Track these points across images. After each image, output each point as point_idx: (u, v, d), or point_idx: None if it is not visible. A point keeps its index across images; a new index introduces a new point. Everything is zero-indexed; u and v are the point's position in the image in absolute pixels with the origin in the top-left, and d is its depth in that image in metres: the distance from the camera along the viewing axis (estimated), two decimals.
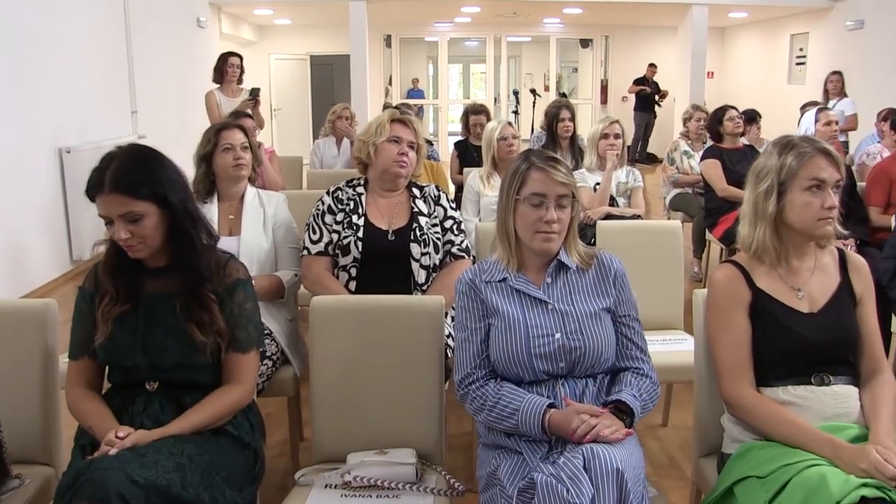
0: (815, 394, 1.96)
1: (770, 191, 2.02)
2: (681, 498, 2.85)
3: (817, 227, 1.99)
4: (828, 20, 10.93)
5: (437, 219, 2.92)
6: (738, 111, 5.67)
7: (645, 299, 3.09)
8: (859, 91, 9.79)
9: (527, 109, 14.56)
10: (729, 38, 15.03)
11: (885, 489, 1.66)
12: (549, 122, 5.24)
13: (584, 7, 11.71)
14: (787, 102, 10.38)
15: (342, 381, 2.29)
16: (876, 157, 5.51)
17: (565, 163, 2.09)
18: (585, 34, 15.62)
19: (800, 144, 2.02)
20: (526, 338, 1.99)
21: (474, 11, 12.56)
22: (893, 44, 9.29)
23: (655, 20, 13.38)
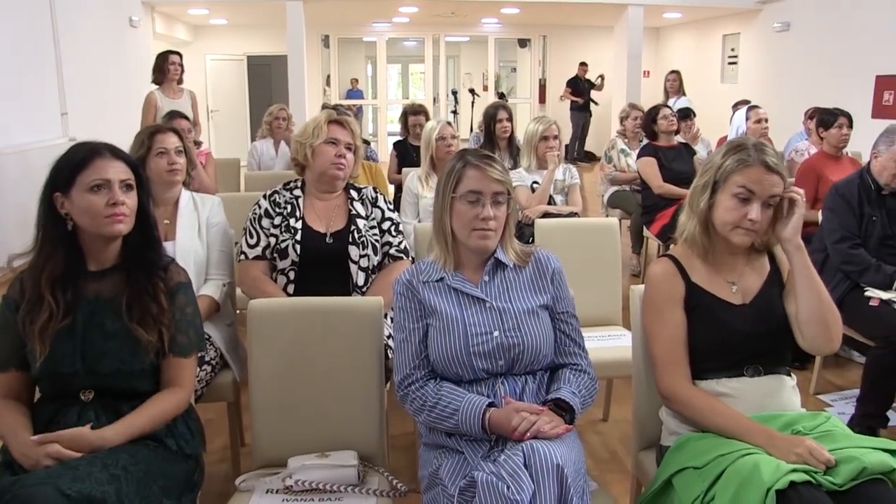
0: (747, 385, 2.02)
1: (706, 186, 2.06)
2: (622, 491, 2.89)
3: (733, 234, 2.03)
4: (757, 21, 11.23)
5: (374, 220, 2.91)
6: (672, 110, 5.79)
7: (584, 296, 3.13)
8: (786, 90, 10.10)
9: (466, 109, 14.62)
10: (664, 38, 15.32)
11: (812, 472, 1.72)
12: (487, 122, 5.28)
13: (522, 7, 11.80)
14: (721, 101, 10.61)
15: (282, 384, 2.27)
16: (804, 154, 5.67)
17: (501, 161, 2.11)
18: (523, 34, 15.75)
19: (746, 150, 2.02)
20: (464, 337, 2.00)
21: (412, 11, 12.56)
22: (817, 45, 9.59)
23: (592, 20, 13.56)
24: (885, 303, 3.33)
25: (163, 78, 6.16)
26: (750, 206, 2.00)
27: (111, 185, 1.92)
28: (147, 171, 2.87)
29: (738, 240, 2.04)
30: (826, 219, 3.65)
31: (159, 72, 6.17)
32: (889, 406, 3.36)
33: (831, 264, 3.59)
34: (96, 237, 1.96)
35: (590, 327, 3.25)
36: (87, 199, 1.91)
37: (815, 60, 9.62)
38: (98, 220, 1.92)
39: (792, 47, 10.25)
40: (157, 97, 6.10)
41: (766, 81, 10.91)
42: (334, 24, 14.63)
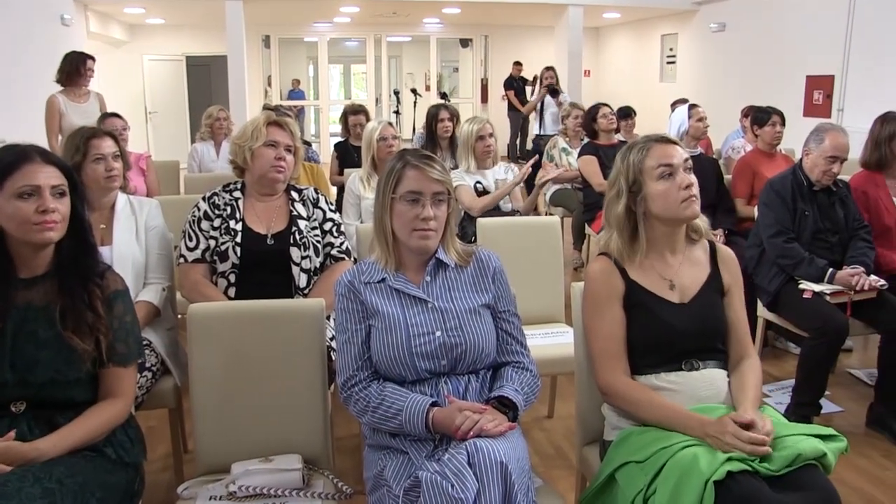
0: (685, 378, 2.05)
1: (619, 194, 2.10)
2: (568, 486, 2.92)
3: (682, 208, 2.06)
4: (694, 22, 11.46)
5: (316, 221, 2.89)
6: (611, 108, 5.87)
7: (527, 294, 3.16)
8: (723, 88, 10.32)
9: (408, 109, 14.61)
10: (604, 38, 15.53)
11: (748, 461, 1.76)
12: (429, 122, 5.29)
13: (463, 7, 11.84)
14: (660, 99, 10.81)
15: (224, 389, 2.24)
16: (740, 151, 5.80)
17: (441, 161, 2.11)
18: (465, 34, 15.81)
19: (637, 142, 2.12)
20: (407, 337, 2.00)
21: (353, 11, 12.50)
22: (752, 45, 9.83)
23: (533, 20, 13.67)
24: (818, 295, 3.43)
25: (77, 80, 5.77)
26: (676, 177, 2.06)
27: (41, 191, 1.85)
28: (83, 176, 2.79)
29: (689, 212, 2.07)
30: (762, 214, 3.74)
31: (75, 74, 5.74)
32: (822, 395, 3.46)
33: (767, 258, 3.68)
34: (25, 244, 1.89)
35: (533, 325, 3.28)
36: (15, 205, 1.84)
37: (750, 60, 9.86)
38: (26, 227, 1.85)
39: (728, 47, 10.49)
40: (60, 101, 5.71)
41: (704, 80, 11.15)
42: (275, 24, 14.49)
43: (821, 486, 1.77)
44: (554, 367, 3.09)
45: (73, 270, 1.94)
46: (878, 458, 3.30)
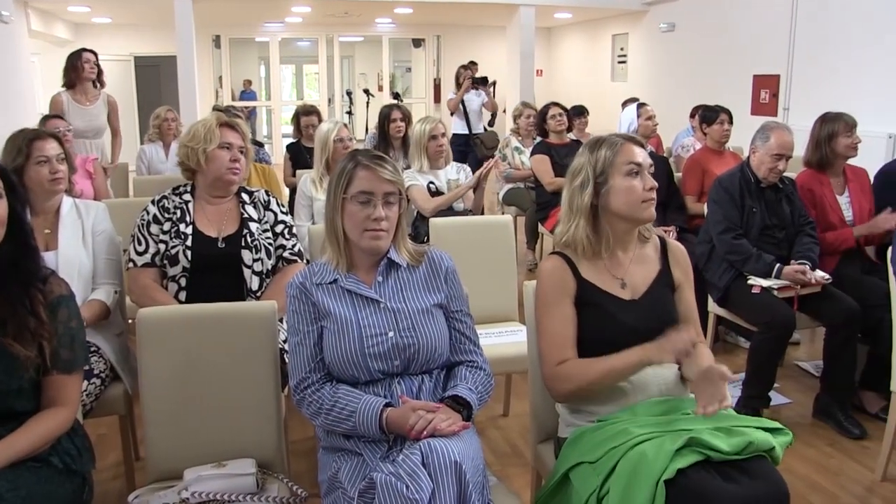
0: (638, 374, 2.07)
1: (585, 184, 2.12)
2: (523, 483, 2.94)
3: (642, 208, 2.11)
4: (644, 22, 11.60)
5: (267, 224, 2.87)
6: (562, 108, 5.92)
7: (480, 293, 3.18)
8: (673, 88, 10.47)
9: (361, 110, 14.56)
10: (555, 38, 15.64)
11: (698, 449, 1.78)
12: (381, 122, 5.28)
13: (415, 7, 11.83)
14: (611, 98, 10.93)
15: (175, 394, 2.21)
16: (689, 150, 5.89)
17: (392, 161, 2.11)
18: (417, 34, 15.80)
19: (609, 138, 2.15)
20: (359, 338, 1.99)
21: (305, 11, 12.41)
22: (700, 45, 9.98)
23: (485, 20, 13.71)
24: (766, 290, 3.50)
25: (76, 78, 5.67)
26: (643, 177, 2.10)
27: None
28: (26, 180, 2.72)
29: (647, 213, 2.12)
30: (711, 211, 3.80)
31: (72, 71, 5.66)
32: (771, 387, 3.54)
33: (717, 254, 3.75)
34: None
35: (487, 324, 3.30)
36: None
37: (699, 60, 10.01)
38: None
39: (677, 47, 10.64)
40: (65, 100, 5.62)
41: (654, 80, 11.29)
42: (225, 24, 14.31)
43: (770, 477, 1.80)
44: (508, 366, 3.10)
45: (14, 275, 1.87)
46: (823, 447, 3.38)
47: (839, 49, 7.52)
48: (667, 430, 1.87)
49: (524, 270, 6.23)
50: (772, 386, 3.55)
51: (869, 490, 3.05)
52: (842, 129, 3.84)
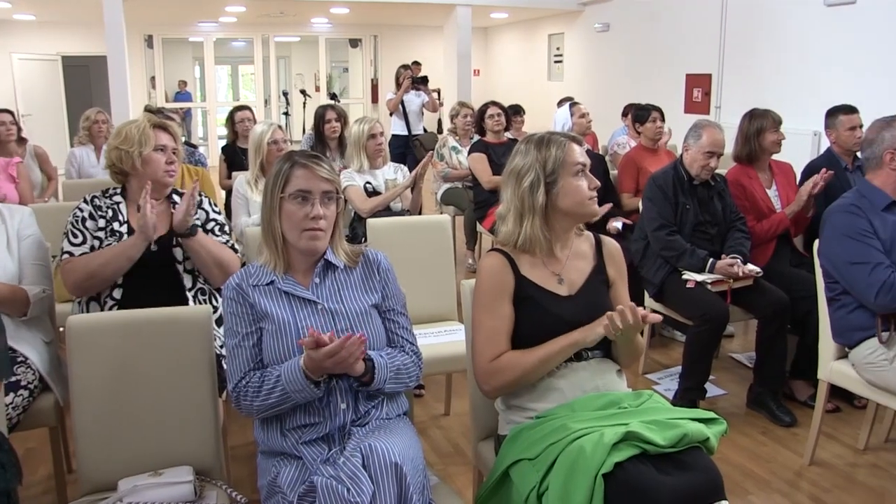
0: (573, 369, 2.10)
1: (536, 184, 2.12)
2: (466, 482, 2.95)
3: (588, 206, 2.14)
4: (580, 22, 11.74)
5: (199, 221, 2.82)
6: (500, 107, 5.95)
7: (419, 293, 3.18)
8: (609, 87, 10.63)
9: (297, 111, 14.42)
10: (492, 38, 15.73)
11: (635, 444, 1.81)
12: (316, 123, 5.24)
13: (352, 7, 11.77)
14: (548, 97, 11.03)
15: (108, 403, 2.15)
16: (625, 147, 5.99)
17: (329, 161, 2.10)
18: (354, 34, 15.71)
19: (554, 137, 2.16)
20: (298, 339, 1.97)
21: (239, 11, 12.23)
22: (635, 45, 10.15)
23: (422, 20, 13.72)
24: (700, 284, 3.58)
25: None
26: (587, 176, 2.14)
27: None
28: None
29: (593, 210, 2.16)
30: (645, 208, 3.87)
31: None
32: (706, 379, 3.61)
33: (652, 251, 3.82)
34: None
35: (426, 324, 3.30)
36: None
37: (634, 59, 10.18)
38: None
39: (612, 47, 10.80)
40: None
41: (590, 79, 11.44)
42: (157, 23, 14.02)
43: (705, 467, 1.84)
44: (448, 365, 3.11)
45: None
46: (756, 436, 3.48)
47: (767, 49, 7.74)
48: (604, 424, 1.89)
49: (463, 270, 6.25)
50: (707, 378, 3.63)
51: (798, 475, 3.15)
52: (769, 125, 3.96)
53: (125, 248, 2.61)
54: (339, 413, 1.97)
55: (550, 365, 2.06)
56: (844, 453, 3.32)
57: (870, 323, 2.80)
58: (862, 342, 2.84)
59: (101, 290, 2.66)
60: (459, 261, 6.41)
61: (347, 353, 1.82)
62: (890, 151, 2.88)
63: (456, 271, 3.56)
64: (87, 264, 2.60)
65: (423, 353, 2.20)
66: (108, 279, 2.62)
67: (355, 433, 1.95)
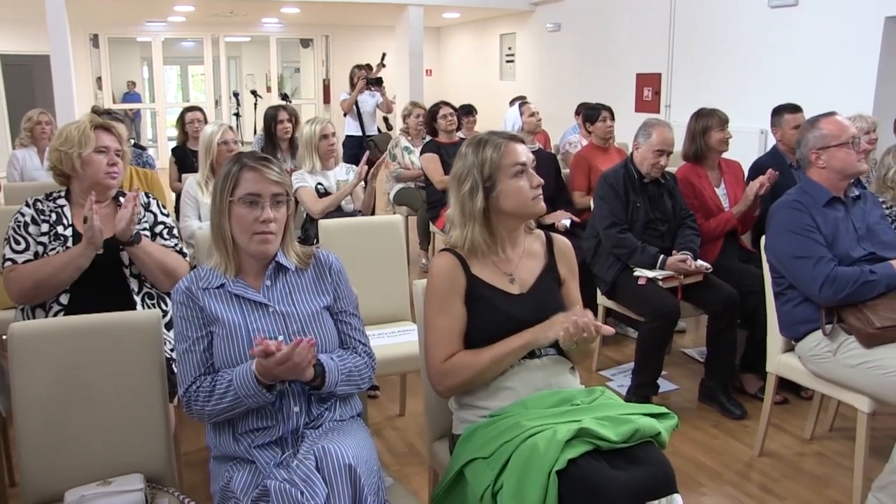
0: (526, 367, 2.10)
1: (475, 189, 2.12)
2: (422, 482, 2.95)
3: (532, 205, 2.13)
4: (531, 22, 11.81)
5: (147, 224, 2.77)
6: (452, 107, 5.96)
7: (372, 293, 3.17)
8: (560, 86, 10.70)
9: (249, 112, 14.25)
10: (444, 37, 15.75)
11: (588, 440, 1.82)
12: (267, 124, 5.19)
13: (302, 7, 11.68)
14: (500, 97, 11.06)
15: (54, 412, 2.09)
16: (576, 146, 6.03)
17: (279, 163, 2.08)
18: (305, 34, 15.61)
19: (491, 139, 2.15)
20: (249, 343, 1.95)
21: (188, 11, 12.06)
22: (586, 45, 10.25)
23: (373, 20, 13.67)
24: (651, 281, 3.62)
25: None
26: (528, 175, 2.13)
27: None
28: None
29: (539, 208, 2.15)
30: (597, 207, 3.90)
31: None
32: (659, 374, 3.66)
33: (604, 248, 3.85)
34: None
35: (379, 324, 3.29)
36: None
37: (585, 59, 10.27)
38: None
39: (564, 47, 10.88)
40: None
41: (542, 79, 11.52)
42: (103, 22, 13.74)
43: (657, 461, 1.86)
44: (402, 366, 3.10)
45: None
46: (708, 429, 3.53)
47: (714, 49, 7.87)
48: (557, 421, 1.90)
49: (417, 270, 6.25)
50: (660, 373, 3.67)
51: (748, 466, 3.22)
52: (714, 123, 4.03)
53: (73, 258, 2.55)
54: (292, 416, 1.96)
55: (503, 365, 2.06)
56: (792, 443, 3.40)
57: (814, 316, 2.87)
58: (807, 335, 2.90)
59: (47, 299, 2.60)
60: (413, 261, 6.40)
61: (299, 359, 1.80)
62: (815, 152, 2.95)
63: (409, 271, 3.55)
64: (33, 273, 2.54)
65: (376, 354, 2.19)
66: (56, 288, 2.57)
67: (308, 436, 1.93)
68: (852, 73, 6.28)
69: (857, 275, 2.72)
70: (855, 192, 3.00)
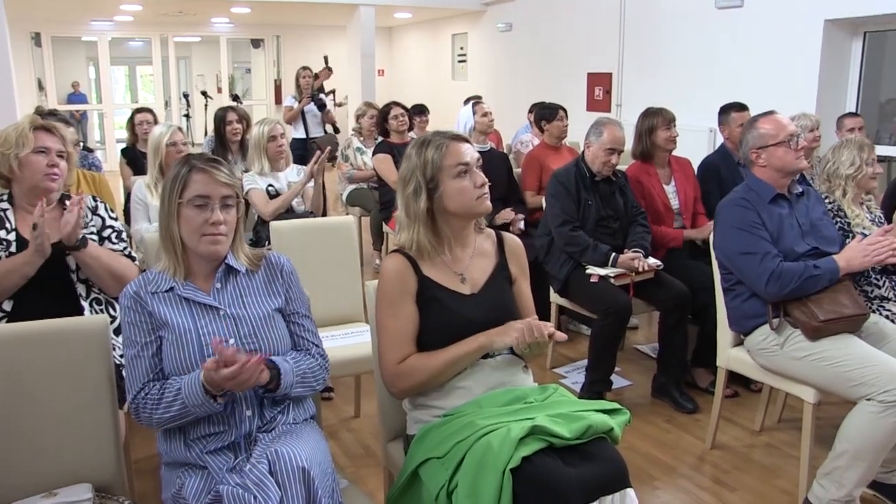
0: (480, 367, 2.11)
1: (418, 190, 2.12)
2: (377, 483, 2.94)
3: (477, 205, 2.13)
4: (483, 22, 11.84)
5: (94, 228, 2.71)
6: (402, 107, 5.95)
7: (325, 295, 3.15)
8: (513, 86, 10.75)
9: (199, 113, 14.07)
10: (396, 37, 15.71)
11: (541, 437, 1.84)
12: (217, 125, 5.13)
13: (253, 6, 11.56)
14: (452, 97, 11.08)
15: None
16: (528, 145, 6.06)
17: (228, 165, 2.06)
18: (256, 34, 15.46)
19: (434, 139, 2.14)
20: (199, 347, 1.93)
21: (136, 10, 11.83)
22: (537, 44, 10.30)
23: (325, 20, 13.58)
24: (604, 278, 3.66)
25: None
26: (472, 174, 2.12)
27: None
28: None
29: (483, 207, 2.14)
30: (549, 205, 3.93)
31: None
32: (612, 371, 3.70)
33: (556, 246, 3.88)
34: None
35: (333, 326, 3.28)
36: None
37: (537, 58, 10.32)
38: None
39: (515, 46, 10.92)
40: None
41: (494, 78, 11.55)
42: (46, 20, 13.41)
43: (610, 457, 1.89)
44: (355, 367, 3.09)
45: None
46: (661, 424, 3.59)
47: (664, 49, 7.97)
48: (511, 419, 1.91)
49: (370, 270, 6.23)
50: (613, 370, 3.72)
51: (700, 459, 3.27)
52: (660, 122, 4.10)
53: (18, 266, 2.48)
54: (245, 420, 1.94)
55: (457, 368, 2.06)
56: (742, 435, 3.46)
57: (762, 311, 2.92)
58: (755, 329, 2.96)
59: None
60: (367, 262, 6.39)
61: (247, 375, 1.79)
62: (754, 151, 3.01)
63: (362, 272, 3.53)
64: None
65: (330, 356, 2.19)
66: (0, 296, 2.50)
67: (261, 439, 1.92)
68: (796, 73, 6.42)
69: (801, 270, 2.78)
70: (799, 189, 3.06)
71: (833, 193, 3.28)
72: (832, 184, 3.30)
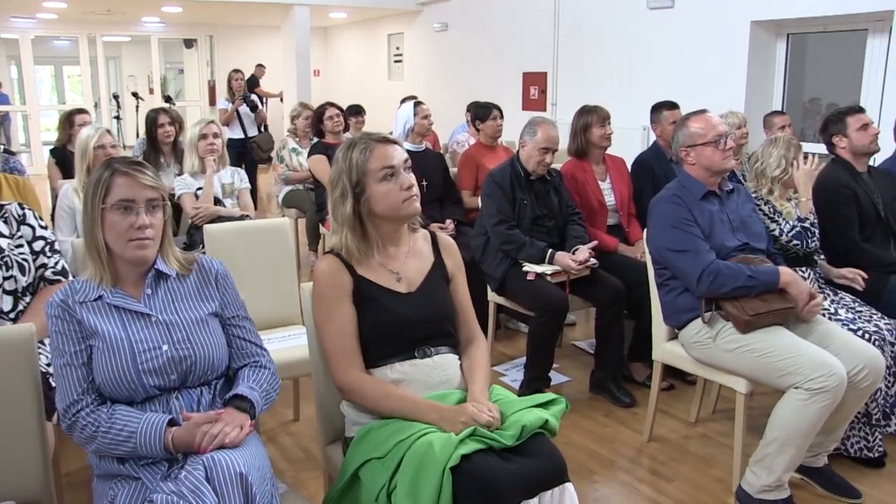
0: (419, 367, 2.11)
1: (345, 194, 2.11)
2: (318, 487, 2.91)
3: (403, 208, 2.12)
4: (419, 22, 11.84)
5: (22, 239, 2.61)
6: (338, 108, 5.92)
7: (261, 298, 3.10)
8: (449, 86, 10.77)
9: (130, 114, 13.76)
10: (332, 37, 15.61)
11: (481, 440, 1.85)
12: (149, 128, 5.02)
13: (185, 6, 11.34)
14: (389, 97, 11.04)
15: None
16: (465, 145, 6.08)
17: (152, 167, 2.01)
18: (188, 34, 15.17)
19: (360, 142, 2.13)
20: (131, 355, 1.88)
21: (60, 7, 11.49)
22: (473, 44, 10.34)
23: (259, 19, 13.40)
24: (540, 276, 3.69)
25: None
26: (398, 177, 2.10)
27: None
28: None
29: (411, 210, 2.12)
30: (485, 205, 3.94)
31: None
32: (550, 367, 3.74)
33: (492, 245, 3.89)
34: None
35: (269, 329, 3.23)
36: None
37: (472, 58, 10.37)
38: None
39: (451, 46, 10.95)
40: None
41: (430, 78, 11.56)
42: None
43: (547, 452, 1.91)
44: (293, 370, 3.05)
45: None
46: (600, 418, 3.63)
47: (597, 49, 8.08)
48: None
49: (308, 272, 6.18)
50: (551, 366, 3.75)
51: (638, 451, 3.33)
52: (595, 120, 4.16)
53: None
54: None
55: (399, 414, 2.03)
56: (678, 427, 3.53)
57: (695, 305, 2.98)
58: (689, 323, 3.02)
59: None
60: (303, 263, 6.34)
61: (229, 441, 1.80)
62: (684, 149, 3.08)
63: (299, 274, 3.49)
64: None
65: None
66: None
67: None
68: (725, 72, 6.58)
69: (736, 276, 2.83)
70: (729, 186, 3.13)
71: (761, 191, 3.37)
72: (759, 182, 3.39)
